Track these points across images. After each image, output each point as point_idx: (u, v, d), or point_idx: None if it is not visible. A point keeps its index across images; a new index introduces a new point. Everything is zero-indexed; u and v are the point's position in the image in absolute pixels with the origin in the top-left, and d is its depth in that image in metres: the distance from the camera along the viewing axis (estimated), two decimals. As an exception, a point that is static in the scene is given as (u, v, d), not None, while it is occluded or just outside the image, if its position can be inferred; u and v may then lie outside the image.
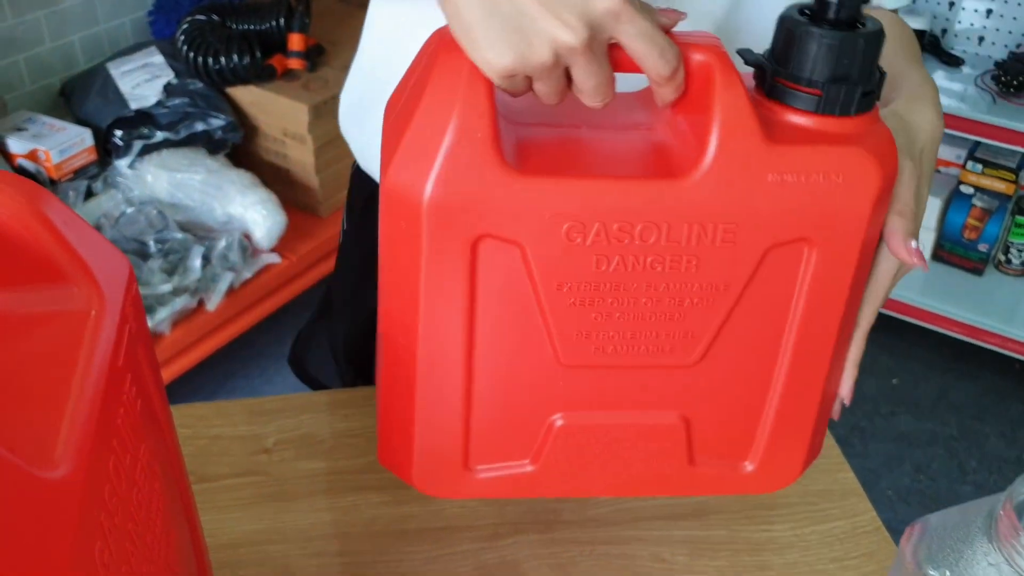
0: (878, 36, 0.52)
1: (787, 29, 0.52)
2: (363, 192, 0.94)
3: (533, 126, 0.55)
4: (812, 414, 0.63)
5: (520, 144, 0.53)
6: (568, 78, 0.51)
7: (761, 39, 0.57)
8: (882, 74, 0.54)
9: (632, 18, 0.48)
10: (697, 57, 0.51)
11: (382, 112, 0.58)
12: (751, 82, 0.56)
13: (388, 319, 0.58)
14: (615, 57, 0.50)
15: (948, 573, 0.44)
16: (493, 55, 0.49)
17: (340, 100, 0.92)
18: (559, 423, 0.60)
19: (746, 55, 0.55)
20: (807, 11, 0.53)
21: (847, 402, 0.65)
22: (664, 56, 0.50)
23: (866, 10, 0.56)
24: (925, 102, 0.65)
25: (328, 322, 1.01)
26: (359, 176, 0.95)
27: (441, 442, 0.60)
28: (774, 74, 0.53)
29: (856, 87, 0.52)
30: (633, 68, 0.50)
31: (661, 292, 0.54)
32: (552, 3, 0.47)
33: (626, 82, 0.53)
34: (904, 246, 0.57)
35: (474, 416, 0.59)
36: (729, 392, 0.61)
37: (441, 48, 0.51)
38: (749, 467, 0.65)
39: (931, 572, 0.45)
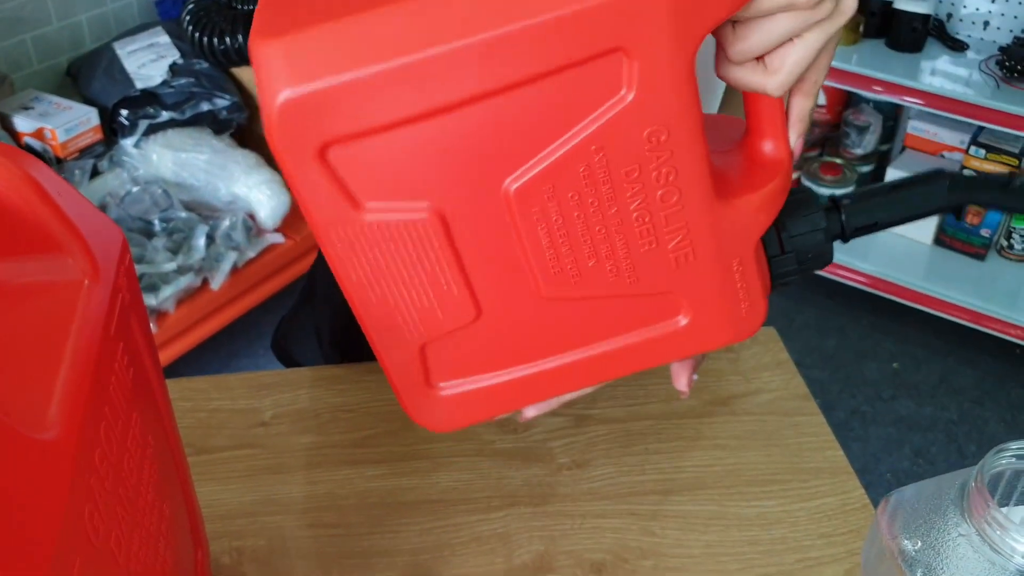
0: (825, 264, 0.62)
1: (814, 196, 0.60)
2: None
3: None
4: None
5: None
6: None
7: None
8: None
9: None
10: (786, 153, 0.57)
11: None
12: None
13: None
14: None
15: (920, 543, 0.45)
16: None
17: None
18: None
19: None
20: (832, 202, 0.61)
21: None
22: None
23: None
24: None
25: (312, 307, 1.02)
26: None
27: None
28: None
29: (795, 277, 0.60)
30: None
31: (610, 227, 0.54)
32: None
33: None
34: (688, 381, 0.69)
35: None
36: (513, 340, 0.60)
37: None
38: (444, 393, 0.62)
39: (904, 542, 0.46)
